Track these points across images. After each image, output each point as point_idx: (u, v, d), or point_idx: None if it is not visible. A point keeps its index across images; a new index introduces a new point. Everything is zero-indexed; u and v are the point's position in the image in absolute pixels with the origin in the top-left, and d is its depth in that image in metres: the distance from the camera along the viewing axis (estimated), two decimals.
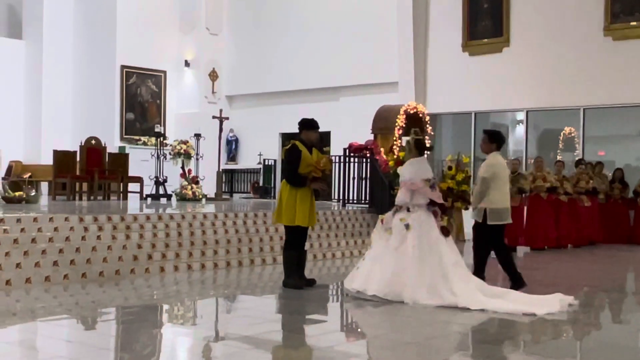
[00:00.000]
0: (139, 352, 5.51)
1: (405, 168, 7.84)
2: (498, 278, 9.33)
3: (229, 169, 21.44)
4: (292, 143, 8.29)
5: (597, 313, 7.52)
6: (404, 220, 7.53)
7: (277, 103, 20.81)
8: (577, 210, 14.31)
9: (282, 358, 5.50)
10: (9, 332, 6.23)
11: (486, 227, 8.35)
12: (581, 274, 10.61)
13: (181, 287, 8.60)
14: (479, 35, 17.68)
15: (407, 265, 7.34)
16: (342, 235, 12.37)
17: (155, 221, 10.19)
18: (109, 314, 7.10)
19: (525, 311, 6.85)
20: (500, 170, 8.42)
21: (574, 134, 16.73)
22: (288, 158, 8.24)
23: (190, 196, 15.69)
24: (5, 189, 13.59)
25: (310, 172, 8.13)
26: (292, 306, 7.51)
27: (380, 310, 7.06)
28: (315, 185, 8.21)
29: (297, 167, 8.11)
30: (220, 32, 22.58)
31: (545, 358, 5.33)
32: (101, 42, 21.14)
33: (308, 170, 8.12)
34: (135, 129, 21.37)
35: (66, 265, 8.61)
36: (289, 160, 8.21)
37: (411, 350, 5.66)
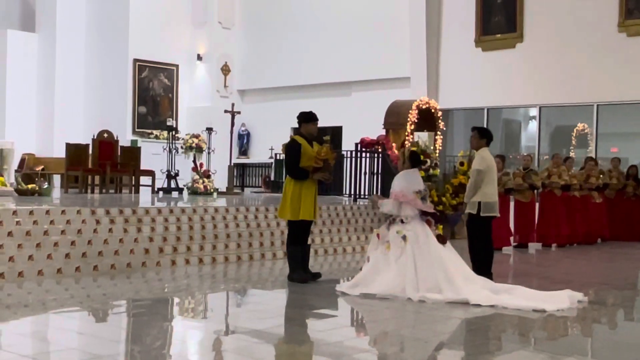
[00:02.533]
0: (149, 344, 5.54)
1: (397, 179, 7.90)
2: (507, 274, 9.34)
3: (240, 163, 21.46)
4: (291, 138, 8.32)
5: (609, 310, 7.50)
6: (400, 232, 7.58)
7: (288, 98, 20.80)
8: (588, 206, 14.26)
9: (292, 352, 5.51)
10: (21, 323, 6.28)
11: (479, 219, 8.40)
12: (592, 272, 10.58)
13: (192, 280, 8.63)
14: (492, 30, 17.62)
15: (408, 273, 7.37)
16: (352, 230, 12.37)
17: (167, 215, 10.22)
18: (120, 306, 7.14)
19: (535, 307, 6.85)
20: (492, 164, 8.54)
21: (587, 131, 16.66)
22: (288, 153, 8.27)
23: (202, 190, 15.72)
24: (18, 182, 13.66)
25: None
26: (302, 300, 7.53)
27: (389, 306, 7.07)
28: (317, 176, 8.22)
29: (297, 160, 8.13)
30: (233, 26, 22.59)
31: (556, 355, 5.32)
32: (114, 36, 21.19)
33: (310, 163, 8.14)
34: (147, 122, 21.43)
35: (78, 258, 8.66)
36: (289, 155, 8.24)
37: (421, 346, 5.67)
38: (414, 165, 8.01)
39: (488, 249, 8.51)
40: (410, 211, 7.66)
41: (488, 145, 8.67)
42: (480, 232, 8.49)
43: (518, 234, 13.21)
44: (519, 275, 9.73)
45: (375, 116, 15.36)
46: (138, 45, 21.09)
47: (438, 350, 5.66)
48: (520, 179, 12.99)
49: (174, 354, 5.42)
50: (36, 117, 21.27)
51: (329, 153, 8.21)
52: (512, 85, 17.27)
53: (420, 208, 7.69)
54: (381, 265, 7.59)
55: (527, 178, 13.10)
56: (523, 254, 12.43)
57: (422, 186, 7.84)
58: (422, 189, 7.79)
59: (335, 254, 11.35)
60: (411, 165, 7.98)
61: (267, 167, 21.02)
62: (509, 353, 5.52)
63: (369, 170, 14.81)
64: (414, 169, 8.01)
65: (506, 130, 18.75)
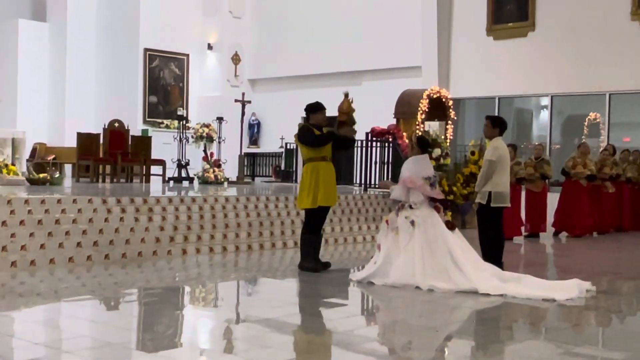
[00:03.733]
0: (160, 333, 5.58)
1: (406, 165, 7.89)
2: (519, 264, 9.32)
3: (250, 152, 21.48)
4: (302, 124, 8.35)
5: (619, 300, 7.47)
6: (409, 218, 7.57)
7: (299, 87, 20.77)
8: (601, 196, 14.19)
9: (303, 341, 5.53)
10: (34, 311, 6.33)
11: (490, 209, 8.37)
12: (605, 262, 10.54)
13: (203, 269, 8.67)
14: (504, 19, 17.52)
15: (416, 259, 7.37)
16: (363, 219, 12.38)
17: (178, 204, 10.26)
18: (132, 295, 7.18)
19: (545, 296, 6.85)
20: (504, 154, 8.47)
21: (599, 120, 16.56)
22: (303, 134, 8.29)
23: (212, 179, 15.76)
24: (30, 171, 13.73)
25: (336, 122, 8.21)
26: (312, 289, 7.54)
27: (399, 295, 7.08)
28: (343, 130, 8.26)
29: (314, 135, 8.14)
30: (243, 16, 22.56)
31: (568, 344, 5.32)
32: (124, 25, 21.20)
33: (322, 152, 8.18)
34: (158, 112, 21.47)
35: (89, 247, 8.71)
36: (305, 135, 8.25)
37: (430, 335, 5.68)
38: (423, 150, 8.00)
39: (499, 239, 8.49)
40: (419, 197, 7.65)
41: (501, 134, 8.61)
42: (491, 222, 8.45)
43: (529, 223, 13.17)
44: (529, 265, 9.72)
45: (385, 105, 15.32)
46: (149, 35, 21.09)
47: (448, 340, 5.67)
48: (531, 169, 12.95)
49: (185, 342, 5.45)
50: (47, 107, 21.34)
51: (350, 107, 8.23)
52: (523, 74, 17.18)
53: (428, 194, 7.67)
54: (393, 255, 7.59)
55: (539, 167, 13.06)
56: (534, 244, 12.41)
57: (431, 172, 7.83)
58: (431, 175, 7.78)
59: (345, 243, 11.36)
60: (420, 150, 7.96)
61: (277, 157, 21.04)
62: (520, 343, 5.52)
63: (379, 160, 14.80)
64: (424, 155, 7.98)
65: (517, 119, 18.67)
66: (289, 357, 5.01)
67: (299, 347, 5.35)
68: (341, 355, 5.01)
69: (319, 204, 8.17)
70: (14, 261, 7.99)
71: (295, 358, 5.04)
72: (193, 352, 5.09)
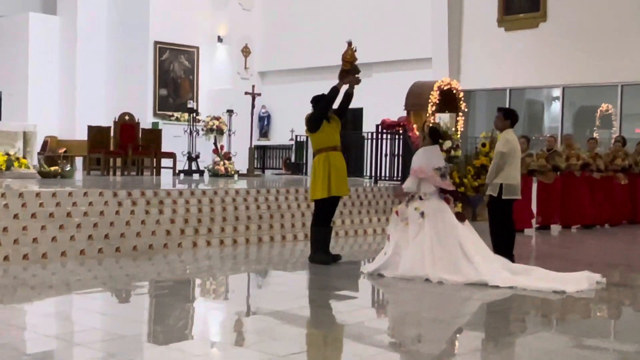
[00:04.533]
0: (171, 325, 5.60)
1: (416, 156, 7.88)
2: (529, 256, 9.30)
3: (261, 145, 21.49)
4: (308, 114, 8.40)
5: (631, 292, 7.45)
6: (418, 209, 7.56)
7: (309, 79, 20.73)
8: (613, 188, 14.12)
9: (313, 334, 5.55)
10: (46, 304, 6.38)
11: (500, 201, 8.34)
12: (616, 253, 10.50)
13: (213, 262, 8.69)
14: (515, 9, 17.44)
15: (426, 250, 7.36)
16: (373, 212, 12.37)
17: (188, 197, 10.28)
18: (143, 287, 7.21)
19: (555, 289, 6.84)
20: (516, 146, 8.44)
21: (611, 111, 16.48)
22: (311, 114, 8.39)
23: (223, 172, 15.78)
24: (41, 164, 13.79)
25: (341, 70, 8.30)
26: (323, 282, 7.56)
27: (409, 288, 7.08)
28: (347, 80, 8.30)
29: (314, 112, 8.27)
30: (253, 8, 22.55)
31: (579, 336, 5.31)
32: (135, 18, 21.21)
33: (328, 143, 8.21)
34: (168, 104, 21.50)
35: (100, 239, 8.75)
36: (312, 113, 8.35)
37: (441, 328, 5.68)
38: (434, 141, 7.99)
39: (510, 231, 8.47)
40: (429, 188, 7.65)
41: (513, 126, 8.58)
42: (502, 215, 8.42)
43: (540, 215, 13.12)
44: (540, 257, 9.70)
45: (396, 97, 15.29)
46: (159, 28, 21.10)
47: (458, 332, 5.67)
48: (543, 160, 12.89)
49: (196, 335, 5.48)
50: (58, 100, 21.40)
51: (353, 55, 8.29)
52: (535, 66, 17.10)
53: (438, 185, 7.66)
54: (402, 246, 7.59)
55: (551, 159, 12.99)
56: (545, 236, 12.38)
57: (442, 163, 7.82)
58: (442, 165, 7.77)
59: (356, 235, 11.37)
60: (432, 141, 7.96)
61: (287, 149, 21.04)
62: (530, 335, 5.52)
63: (389, 152, 14.78)
64: (434, 146, 7.98)
65: (529, 111, 18.60)
66: (300, 349, 5.02)
67: (309, 340, 5.37)
68: (352, 347, 5.03)
69: (333, 193, 8.17)
70: (26, 254, 8.04)
71: (306, 351, 5.05)
72: (204, 344, 5.11)
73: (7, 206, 8.41)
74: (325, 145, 8.26)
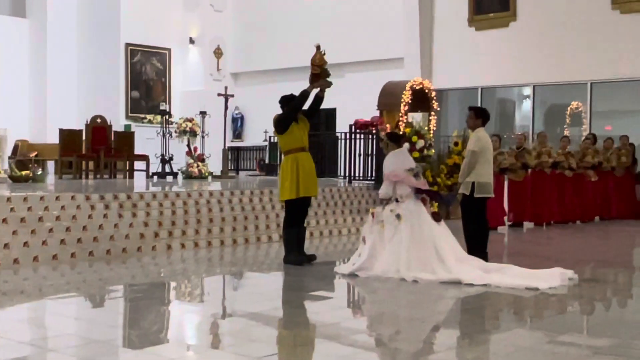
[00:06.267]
0: (147, 329, 5.55)
1: (387, 161, 7.92)
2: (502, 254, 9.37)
3: (234, 146, 21.43)
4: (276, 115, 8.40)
5: (602, 288, 7.53)
6: (394, 211, 7.60)
7: (282, 80, 20.67)
8: (584, 185, 14.28)
9: (289, 334, 5.53)
10: (18, 310, 6.29)
11: (473, 200, 8.39)
12: (587, 249, 10.62)
13: (188, 264, 8.64)
14: (486, 9, 17.56)
15: (402, 252, 7.40)
16: (347, 212, 12.39)
17: (162, 199, 10.22)
18: (117, 291, 7.14)
19: (528, 285, 6.89)
20: (487, 144, 8.48)
21: (581, 109, 16.65)
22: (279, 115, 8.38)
23: (196, 174, 15.71)
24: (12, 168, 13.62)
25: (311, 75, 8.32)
26: (298, 283, 7.54)
27: (385, 287, 7.09)
28: (317, 84, 8.31)
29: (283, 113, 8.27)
30: (225, 9, 22.46)
31: (553, 332, 5.35)
32: (105, 20, 21.05)
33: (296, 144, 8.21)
34: (140, 107, 21.36)
35: (73, 244, 8.66)
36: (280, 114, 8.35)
37: (417, 326, 5.70)
38: (397, 144, 8.03)
39: (483, 229, 8.51)
40: (405, 190, 7.68)
41: (484, 125, 8.62)
42: (475, 213, 8.47)
43: (512, 213, 13.23)
44: (513, 254, 9.77)
45: (369, 97, 15.32)
46: (130, 30, 20.97)
47: (435, 330, 5.69)
48: (513, 158, 12.99)
49: (172, 338, 5.44)
50: (29, 103, 21.18)
51: (322, 59, 8.27)
52: (505, 65, 17.24)
53: (413, 185, 7.70)
54: (378, 248, 7.61)
55: (520, 157, 13.11)
56: (517, 233, 12.48)
57: (413, 164, 7.86)
58: (413, 166, 7.81)
59: (330, 235, 11.37)
60: (395, 145, 8.00)
61: (261, 150, 21.01)
62: (505, 332, 5.55)
63: (363, 152, 14.80)
64: (401, 149, 8.02)
65: (500, 109, 18.74)
66: (276, 351, 5.01)
67: (285, 341, 5.35)
68: (329, 347, 5.02)
69: (301, 194, 8.17)
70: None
71: (281, 352, 5.04)
72: (180, 347, 5.07)
73: None
74: (294, 146, 8.26)
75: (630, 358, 4.66)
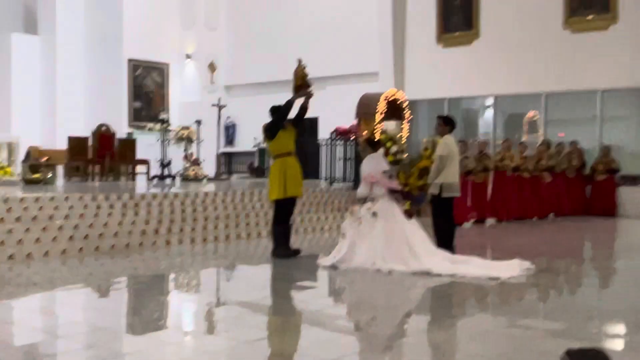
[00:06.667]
0: (148, 316, 5.53)
1: (364, 164, 7.95)
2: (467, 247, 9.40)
3: (227, 151, 21.36)
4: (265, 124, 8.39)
5: (557, 277, 7.58)
6: (370, 209, 7.64)
7: (270, 92, 20.63)
8: (539, 186, 14.40)
9: (278, 321, 5.53)
10: (31, 300, 6.23)
11: (441, 199, 8.43)
12: (543, 243, 10.68)
13: (185, 258, 8.61)
14: (452, 28, 17.64)
15: (378, 246, 7.42)
16: (329, 210, 12.39)
17: (161, 199, 10.17)
18: (121, 282, 7.10)
19: (491, 275, 6.92)
20: (454, 149, 8.52)
21: (537, 118, 16.78)
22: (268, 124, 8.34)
23: (192, 177, 15.64)
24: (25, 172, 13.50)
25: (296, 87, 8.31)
26: (285, 274, 7.53)
27: (363, 277, 7.10)
28: (300, 94, 8.32)
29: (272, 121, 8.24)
30: (218, 28, 22.42)
31: (513, 317, 5.38)
32: (110, 38, 20.95)
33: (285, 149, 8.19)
34: (141, 116, 21.24)
35: (81, 240, 8.60)
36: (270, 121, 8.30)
37: (392, 312, 5.71)
38: (373, 149, 8.05)
39: (450, 226, 8.55)
40: (380, 191, 7.71)
41: (451, 132, 8.65)
42: (443, 211, 8.50)
43: (475, 211, 13.28)
44: (477, 247, 9.81)
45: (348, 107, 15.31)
46: (132, 46, 20.88)
47: (408, 316, 5.70)
48: (475, 162, 13.08)
49: (171, 325, 5.41)
50: (40, 113, 21.02)
51: (303, 72, 8.36)
52: (469, 78, 17.33)
53: (388, 186, 7.74)
54: (357, 242, 7.63)
55: (481, 161, 13.21)
56: (480, 229, 12.52)
57: (387, 167, 7.92)
58: (387, 169, 7.86)
59: (313, 232, 11.37)
60: (372, 149, 8.03)
61: (251, 155, 20.95)
62: (470, 317, 5.57)
63: (343, 156, 14.82)
64: (377, 153, 8.05)
65: (465, 118, 18.82)
66: (266, 335, 4.99)
67: (274, 327, 5.34)
68: (313, 332, 5.01)
69: (288, 194, 8.18)
70: (12, 254, 7.86)
71: (271, 336, 5.02)
72: (178, 333, 5.05)
73: None
74: (282, 151, 8.26)
75: (581, 339, 4.69)
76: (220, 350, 4.44)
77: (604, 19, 15.56)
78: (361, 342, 4.88)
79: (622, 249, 10.52)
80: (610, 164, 15.13)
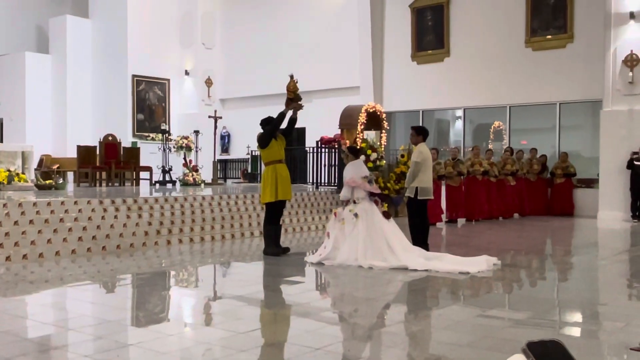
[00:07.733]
0: (151, 310, 5.49)
1: (346, 170, 7.96)
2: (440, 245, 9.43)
3: (222, 159, 21.30)
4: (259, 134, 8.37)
5: (521, 272, 7.62)
6: (352, 210, 7.64)
7: (261, 104, 20.68)
8: (505, 188, 14.47)
9: (270, 313, 5.50)
10: (43, 296, 6.17)
11: (416, 201, 8.44)
12: (508, 240, 10.73)
13: (185, 256, 8.56)
14: (425, 47, 17.72)
15: (359, 244, 7.43)
16: (315, 212, 12.38)
17: (163, 203, 10.11)
18: (126, 279, 7.05)
19: (462, 270, 6.94)
20: (428, 156, 8.53)
21: (502, 127, 16.87)
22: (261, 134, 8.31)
23: (191, 182, 15.58)
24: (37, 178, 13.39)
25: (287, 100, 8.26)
26: (276, 270, 7.51)
27: (346, 273, 7.10)
28: (292, 106, 8.29)
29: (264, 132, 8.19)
30: (214, 47, 22.40)
31: (483, 308, 5.39)
32: (115, 56, 20.88)
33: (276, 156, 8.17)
34: (145, 127, 21.15)
35: (89, 240, 8.53)
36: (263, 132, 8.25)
37: (372, 304, 5.70)
38: (355, 156, 8.07)
39: (424, 225, 8.56)
40: (361, 194, 7.72)
41: (425, 140, 8.67)
42: (418, 212, 8.52)
43: (448, 211, 13.33)
44: (449, 245, 9.84)
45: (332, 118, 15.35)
46: (136, 64, 20.82)
47: (386, 308, 5.70)
48: (450, 168, 13.12)
49: (172, 318, 5.38)
50: (51, 124, 20.89)
51: (295, 86, 8.32)
52: (441, 92, 17.41)
53: (368, 190, 7.75)
54: (340, 241, 7.63)
55: (456, 166, 13.24)
56: (452, 228, 12.57)
57: (367, 172, 7.94)
58: (367, 174, 7.87)
59: (301, 231, 11.35)
60: (354, 156, 8.04)
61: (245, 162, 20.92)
62: (444, 308, 5.58)
63: (328, 163, 14.82)
64: (358, 160, 8.06)
65: (438, 128, 18.91)
66: (259, 326, 4.97)
67: (266, 318, 5.32)
68: (301, 323, 5.00)
69: (279, 198, 8.17)
70: (25, 254, 7.78)
71: (263, 327, 5.01)
72: (179, 325, 5.02)
73: (8, 214, 8.13)
74: (273, 158, 8.25)
75: (543, 327, 4.71)
76: (217, 340, 4.42)
77: (561, 39, 15.69)
78: (345, 331, 4.87)
79: (579, 245, 10.59)
80: (568, 168, 15.24)
